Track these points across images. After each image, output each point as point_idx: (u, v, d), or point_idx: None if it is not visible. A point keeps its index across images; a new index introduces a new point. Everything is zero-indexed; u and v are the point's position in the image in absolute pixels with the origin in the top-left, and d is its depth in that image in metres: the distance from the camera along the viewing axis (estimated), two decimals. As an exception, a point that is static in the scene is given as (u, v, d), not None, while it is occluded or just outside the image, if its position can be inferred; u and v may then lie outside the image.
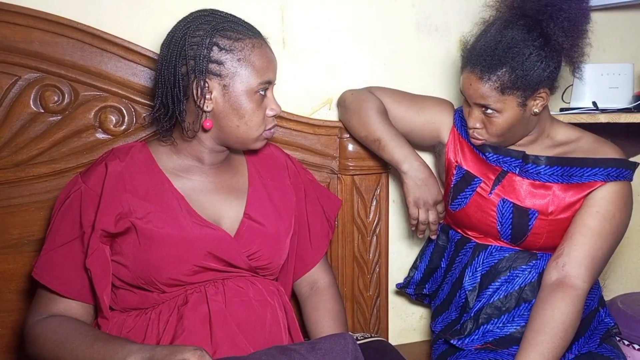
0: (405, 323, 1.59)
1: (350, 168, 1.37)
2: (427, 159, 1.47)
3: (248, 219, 1.05)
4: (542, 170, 1.19)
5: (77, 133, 1.17)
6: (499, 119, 1.14)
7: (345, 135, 1.36)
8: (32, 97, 1.14)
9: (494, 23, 1.15)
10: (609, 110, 1.42)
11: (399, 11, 1.44)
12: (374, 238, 1.43)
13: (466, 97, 1.18)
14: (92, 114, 1.18)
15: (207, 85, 0.96)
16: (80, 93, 1.17)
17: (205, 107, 0.97)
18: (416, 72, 1.48)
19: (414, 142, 1.33)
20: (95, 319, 1.01)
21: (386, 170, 1.41)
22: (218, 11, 1.01)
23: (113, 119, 1.19)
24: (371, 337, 1.23)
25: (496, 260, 1.23)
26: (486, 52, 1.11)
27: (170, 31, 1.00)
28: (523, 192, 1.19)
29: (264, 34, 1.03)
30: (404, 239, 1.55)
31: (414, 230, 1.30)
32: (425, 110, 1.31)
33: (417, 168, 1.22)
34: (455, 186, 1.26)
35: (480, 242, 1.26)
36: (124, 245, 0.97)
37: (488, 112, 1.15)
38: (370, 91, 1.32)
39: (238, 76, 0.97)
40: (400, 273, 1.48)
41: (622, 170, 1.16)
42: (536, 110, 1.15)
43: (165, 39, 1.01)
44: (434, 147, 1.40)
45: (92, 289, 0.97)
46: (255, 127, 1.01)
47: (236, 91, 0.97)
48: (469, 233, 1.29)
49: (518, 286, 1.21)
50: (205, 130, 1.00)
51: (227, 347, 0.97)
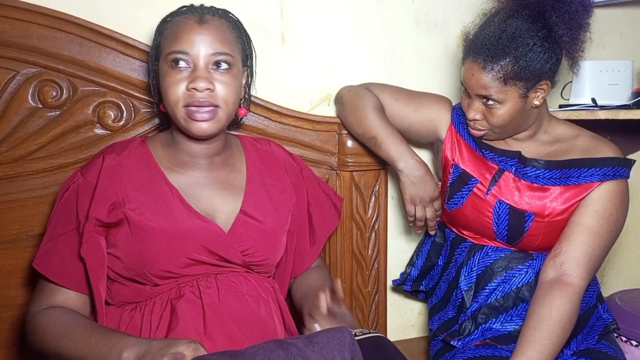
0: (404, 319, 1.59)
1: (349, 164, 1.37)
2: (425, 155, 1.47)
3: (244, 214, 1.06)
4: (541, 174, 1.18)
5: (75, 128, 1.17)
6: (500, 110, 1.14)
7: (344, 132, 1.36)
8: (30, 92, 1.14)
9: (498, 13, 1.15)
10: (608, 107, 1.42)
11: (399, 7, 1.44)
12: (373, 234, 1.43)
13: (467, 88, 1.17)
14: (91, 109, 1.18)
15: (156, 69, 1.02)
16: (78, 88, 1.17)
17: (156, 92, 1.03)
18: (416, 68, 1.48)
19: (411, 139, 1.33)
20: (93, 312, 1.01)
21: (385, 167, 1.41)
22: (192, 4, 1.05)
23: (112, 114, 1.19)
24: (369, 332, 1.23)
25: (492, 261, 1.23)
26: (490, 42, 1.11)
27: None
28: (520, 193, 1.19)
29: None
30: (402, 235, 1.55)
31: (411, 225, 1.30)
32: (423, 107, 1.30)
33: (413, 166, 1.22)
34: (452, 185, 1.26)
35: (475, 242, 1.26)
36: (118, 237, 0.97)
37: (489, 103, 1.14)
38: (368, 88, 1.31)
39: (163, 47, 1.00)
40: (399, 269, 1.49)
41: (619, 169, 1.16)
42: (537, 103, 1.15)
43: None
44: (432, 144, 1.40)
45: (89, 279, 0.97)
46: (172, 100, 0.97)
47: (160, 66, 1.01)
48: (464, 232, 1.29)
49: (515, 286, 1.21)
50: (161, 111, 1.04)
51: (221, 340, 0.97)
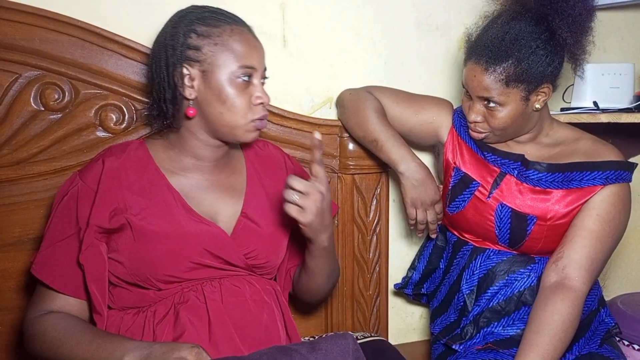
0: (405, 322, 1.59)
1: (351, 167, 1.37)
2: (426, 158, 1.47)
3: (245, 217, 1.05)
4: (544, 177, 1.18)
5: (77, 131, 1.17)
6: (501, 112, 1.14)
7: (346, 135, 1.36)
8: (32, 95, 1.14)
9: (500, 16, 1.15)
10: (609, 110, 1.42)
11: (400, 10, 1.44)
12: (374, 237, 1.43)
13: (469, 90, 1.17)
14: (93, 112, 1.18)
15: (187, 72, 0.97)
16: (80, 91, 1.17)
17: (188, 95, 0.98)
18: (417, 71, 1.48)
19: (413, 142, 1.33)
20: (92, 317, 1.01)
21: (386, 170, 1.41)
22: (207, 6, 1.02)
23: (113, 117, 1.19)
24: (371, 336, 1.23)
25: (494, 264, 1.23)
26: (493, 44, 1.11)
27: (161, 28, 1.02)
28: (522, 197, 1.19)
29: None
30: (404, 239, 1.55)
31: (412, 229, 1.30)
32: (424, 110, 1.30)
33: (414, 169, 1.22)
34: (453, 188, 1.26)
35: (477, 246, 1.26)
36: (120, 242, 0.97)
37: (490, 106, 1.14)
38: (369, 91, 1.31)
39: (216, 61, 0.96)
40: (400, 272, 1.48)
41: (621, 173, 1.16)
42: (538, 106, 1.15)
43: (157, 35, 1.02)
44: (433, 147, 1.40)
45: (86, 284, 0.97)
46: (240, 113, 0.98)
47: (216, 76, 0.97)
48: (465, 236, 1.29)
49: (517, 290, 1.21)
50: (189, 118, 1.00)
51: (224, 345, 0.97)
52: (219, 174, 1.07)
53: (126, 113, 1.20)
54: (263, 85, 1.02)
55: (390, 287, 1.49)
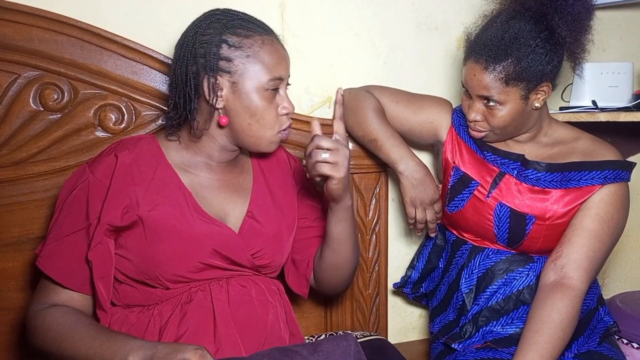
0: (405, 322, 1.59)
1: (350, 167, 1.37)
2: (425, 158, 1.47)
3: (250, 217, 1.05)
4: (542, 177, 1.18)
5: (76, 131, 1.17)
6: (501, 111, 1.14)
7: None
8: (31, 95, 1.14)
9: (500, 14, 1.15)
10: (608, 109, 1.42)
11: (399, 9, 1.44)
12: (374, 237, 1.43)
13: (468, 89, 1.17)
14: (92, 112, 1.18)
15: (217, 82, 0.96)
16: (79, 91, 1.17)
17: (216, 105, 0.98)
18: (416, 70, 1.48)
19: (412, 142, 1.33)
20: (96, 312, 1.00)
21: (385, 169, 1.41)
22: (231, 10, 1.01)
23: (112, 117, 1.19)
24: (370, 335, 1.24)
25: (492, 263, 1.23)
26: (492, 42, 1.11)
27: (184, 32, 1.01)
28: (521, 196, 1.19)
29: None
30: (403, 238, 1.55)
31: (412, 228, 1.30)
32: (423, 110, 1.30)
33: (414, 168, 1.22)
34: (452, 188, 1.26)
35: (476, 245, 1.26)
36: (130, 239, 0.96)
37: (490, 105, 1.14)
38: (368, 90, 1.32)
39: (247, 73, 0.97)
40: (400, 272, 1.48)
41: (619, 172, 1.16)
42: (537, 105, 1.15)
43: (179, 39, 1.01)
44: (432, 146, 1.40)
45: (93, 281, 0.96)
46: (269, 125, 1.00)
47: (246, 88, 0.97)
48: (464, 235, 1.29)
49: (516, 289, 1.21)
50: (222, 126, 1.00)
51: (229, 347, 0.97)
52: (228, 174, 1.07)
53: (125, 113, 1.20)
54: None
55: (390, 286, 1.49)
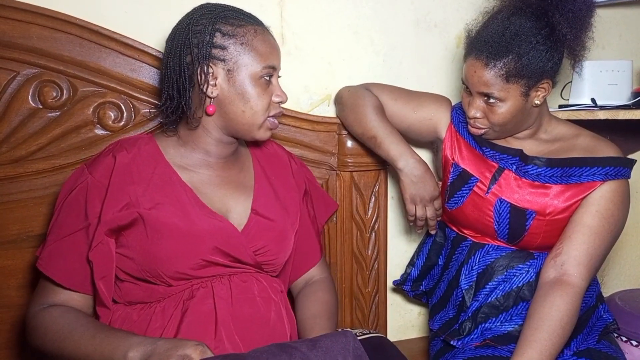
0: (404, 319, 1.59)
1: (349, 164, 1.37)
2: (425, 155, 1.47)
3: (256, 214, 1.05)
4: (543, 172, 1.18)
5: (75, 129, 1.17)
6: (501, 108, 1.14)
7: (344, 132, 1.36)
8: (30, 93, 1.14)
9: (501, 11, 1.15)
10: (607, 107, 1.42)
11: (398, 8, 1.44)
12: (373, 234, 1.43)
13: (468, 86, 1.17)
14: (91, 109, 1.18)
15: (211, 70, 0.97)
16: (79, 89, 1.17)
17: (210, 93, 0.98)
18: (415, 68, 1.48)
19: (411, 139, 1.33)
20: (95, 311, 1.01)
21: (385, 167, 1.41)
22: (220, 3, 1.03)
23: (112, 114, 1.19)
24: (370, 333, 1.23)
25: (492, 259, 1.23)
26: (493, 39, 1.11)
27: (175, 25, 1.02)
28: (521, 192, 1.19)
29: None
30: (402, 235, 1.55)
31: (412, 225, 1.30)
32: (422, 107, 1.30)
33: (413, 165, 1.22)
34: (452, 184, 1.26)
35: (476, 241, 1.26)
36: (131, 238, 0.96)
37: (490, 101, 1.14)
38: (367, 88, 1.32)
39: (242, 60, 0.98)
40: (399, 269, 1.49)
41: (620, 169, 1.16)
42: (537, 102, 1.15)
43: (170, 33, 1.02)
44: (431, 144, 1.40)
45: (94, 281, 0.96)
46: (261, 112, 1.01)
47: (241, 76, 0.98)
48: (465, 231, 1.29)
49: (516, 285, 1.21)
50: (209, 115, 1.00)
51: (230, 343, 0.97)
52: (228, 170, 1.07)
53: (124, 111, 1.20)
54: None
55: (389, 284, 1.49)
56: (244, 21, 1.00)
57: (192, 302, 0.97)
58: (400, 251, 1.53)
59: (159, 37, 1.21)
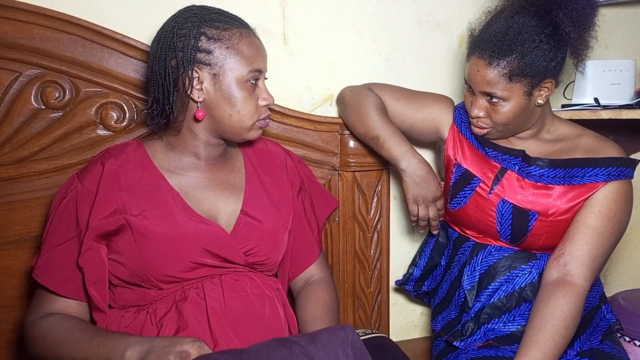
0: (407, 319, 1.59)
1: (352, 164, 1.37)
2: (427, 155, 1.47)
3: (245, 215, 1.05)
4: (545, 173, 1.18)
5: (78, 129, 1.17)
6: (505, 107, 1.14)
7: (347, 132, 1.36)
8: (33, 94, 1.14)
9: (504, 10, 1.15)
10: (610, 107, 1.42)
11: (401, 7, 1.44)
12: (375, 234, 1.43)
13: (472, 85, 1.17)
14: (93, 110, 1.18)
15: (197, 74, 0.97)
16: (81, 89, 1.17)
17: (197, 97, 0.98)
18: (417, 68, 1.48)
19: (414, 139, 1.33)
20: (91, 316, 1.01)
21: (387, 167, 1.41)
22: (206, 6, 1.03)
23: (114, 115, 1.19)
24: (372, 333, 1.23)
25: (495, 260, 1.23)
26: (496, 38, 1.11)
27: (160, 27, 1.01)
28: (524, 193, 1.19)
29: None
30: (405, 235, 1.55)
31: (414, 225, 1.30)
32: (425, 107, 1.30)
33: (416, 165, 1.22)
34: (455, 184, 1.26)
35: (479, 242, 1.26)
36: (120, 244, 0.97)
37: (493, 101, 1.14)
38: (369, 88, 1.31)
39: (227, 64, 0.97)
40: (402, 269, 1.48)
41: (623, 169, 1.16)
42: (540, 101, 1.15)
43: (155, 35, 1.01)
44: (434, 144, 1.40)
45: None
46: (248, 115, 1.01)
47: (227, 79, 0.98)
48: (467, 232, 1.29)
49: (518, 286, 1.21)
50: (198, 120, 1.00)
51: (226, 341, 0.97)
52: (217, 172, 1.07)
53: (127, 111, 1.20)
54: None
55: (392, 284, 1.49)
56: (230, 24, 0.99)
57: (185, 304, 0.98)
58: (402, 251, 1.53)
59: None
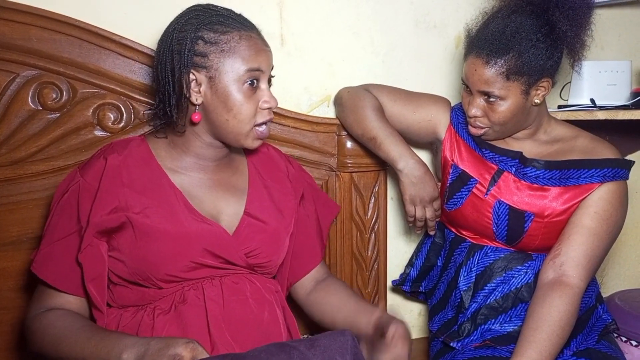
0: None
1: (349, 165, 1.38)
2: (424, 156, 1.47)
3: (248, 216, 1.05)
4: (541, 174, 1.19)
5: (75, 130, 1.17)
6: (502, 106, 1.14)
7: (344, 133, 1.36)
8: (30, 95, 1.14)
9: (501, 9, 1.16)
10: (606, 107, 1.42)
11: (398, 8, 1.44)
12: (373, 235, 1.43)
13: (469, 85, 1.17)
14: (91, 111, 1.18)
15: (194, 77, 0.97)
16: (78, 90, 1.17)
17: (195, 100, 0.97)
18: (414, 69, 1.48)
19: (411, 140, 1.33)
20: (91, 312, 1.01)
21: (384, 168, 1.42)
22: (212, 5, 1.01)
23: (111, 116, 1.19)
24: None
25: (491, 261, 1.23)
26: (493, 37, 1.11)
27: (165, 29, 1.00)
28: (520, 194, 1.19)
29: (263, 32, 1.03)
30: (402, 236, 1.55)
31: (411, 226, 1.30)
32: (422, 108, 1.31)
33: (413, 166, 1.22)
34: (451, 185, 1.26)
35: (475, 242, 1.26)
36: (121, 241, 0.96)
37: (490, 100, 1.15)
38: (367, 89, 1.32)
39: (223, 67, 0.96)
40: (399, 270, 1.49)
41: (618, 170, 1.16)
42: (537, 101, 1.16)
43: (160, 36, 1.01)
44: (431, 144, 1.40)
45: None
46: (246, 120, 0.98)
47: (223, 82, 0.96)
48: (463, 233, 1.29)
49: (514, 287, 1.21)
50: (194, 123, 0.99)
51: (223, 345, 0.97)
52: (220, 173, 1.07)
53: (124, 112, 1.20)
54: (270, 87, 1.02)
55: (389, 284, 1.49)
56: (230, 27, 0.97)
57: (184, 305, 0.98)
58: (400, 252, 1.54)
59: (158, 39, 1.20)
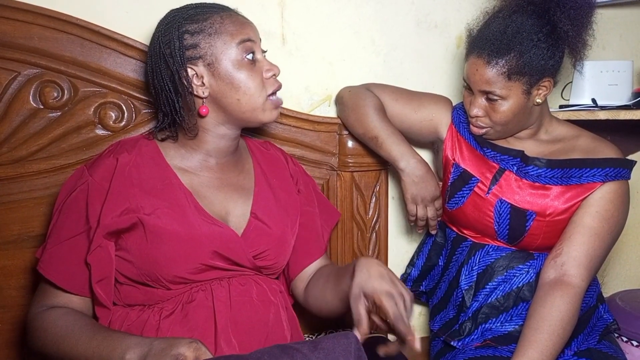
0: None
1: (350, 165, 1.38)
2: (426, 155, 1.47)
3: (255, 218, 1.05)
4: (543, 173, 1.19)
5: (76, 129, 1.17)
6: (503, 106, 1.14)
7: (345, 132, 1.36)
8: (31, 93, 1.14)
9: (502, 9, 1.16)
10: (608, 107, 1.42)
11: (399, 8, 1.44)
12: (374, 234, 1.43)
13: (470, 84, 1.17)
14: (92, 110, 1.18)
15: (193, 72, 0.97)
16: (79, 89, 1.17)
17: (201, 94, 0.98)
18: (416, 68, 1.48)
19: (412, 139, 1.33)
20: (93, 311, 1.00)
21: (385, 167, 1.42)
22: (186, 5, 1.02)
23: (112, 115, 1.19)
24: (370, 333, 1.23)
25: (492, 260, 1.24)
26: (495, 37, 1.11)
27: (149, 42, 1.01)
28: (521, 193, 1.19)
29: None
30: (403, 236, 1.55)
31: (412, 225, 1.30)
32: (423, 107, 1.31)
33: (415, 165, 1.22)
34: (453, 184, 1.26)
35: (476, 241, 1.26)
36: (130, 241, 0.96)
37: (492, 100, 1.15)
38: (368, 88, 1.32)
39: (215, 49, 0.97)
40: (400, 269, 1.49)
41: (620, 170, 1.16)
42: (539, 100, 1.16)
43: (148, 51, 1.02)
44: (432, 144, 1.40)
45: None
46: (257, 93, 0.99)
47: (222, 65, 0.97)
48: (465, 232, 1.29)
49: (516, 286, 1.21)
50: (202, 116, 1.00)
51: (227, 346, 0.97)
52: (228, 172, 1.06)
53: (125, 111, 1.20)
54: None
55: (390, 284, 1.49)
56: (209, 12, 0.99)
57: (192, 306, 0.97)
58: (401, 251, 1.53)
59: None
